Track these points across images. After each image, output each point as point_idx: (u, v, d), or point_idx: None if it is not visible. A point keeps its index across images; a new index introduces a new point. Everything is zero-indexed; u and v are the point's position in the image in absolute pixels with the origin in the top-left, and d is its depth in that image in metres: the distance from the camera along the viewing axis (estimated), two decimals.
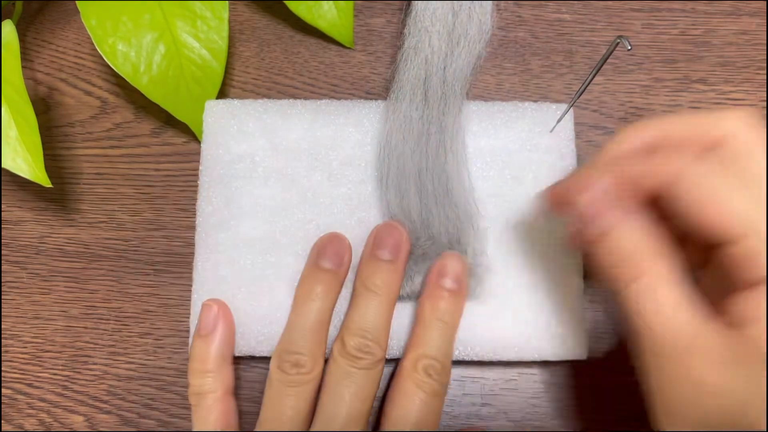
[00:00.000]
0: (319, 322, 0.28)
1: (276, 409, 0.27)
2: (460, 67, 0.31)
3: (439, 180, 0.30)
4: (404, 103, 0.31)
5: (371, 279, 0.28)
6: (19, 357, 0.32)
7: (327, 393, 0.27)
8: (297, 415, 0.26)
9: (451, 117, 0.30)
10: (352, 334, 0.27)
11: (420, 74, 0.31)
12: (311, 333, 0.28)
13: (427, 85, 0.31)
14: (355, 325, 0.27)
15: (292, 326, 0.28)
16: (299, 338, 0.27)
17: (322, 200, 0.31)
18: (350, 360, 0.27)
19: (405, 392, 0.27)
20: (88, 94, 0.35)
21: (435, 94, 0.31)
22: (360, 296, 0.28)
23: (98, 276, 0.33)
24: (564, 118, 0.31)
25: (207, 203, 0.31)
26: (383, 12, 0.36)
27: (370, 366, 0.27)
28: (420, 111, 0.30)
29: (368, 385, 0.27)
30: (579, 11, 0.35)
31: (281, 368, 0.27)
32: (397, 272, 0.28)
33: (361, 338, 0.27)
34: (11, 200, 0.34)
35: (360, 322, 0.27)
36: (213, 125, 0.32)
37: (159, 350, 0.32)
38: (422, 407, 0.26)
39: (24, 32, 0.36)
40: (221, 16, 0.31)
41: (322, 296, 0.28)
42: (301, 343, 0.27)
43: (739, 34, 0.34)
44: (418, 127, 0.30)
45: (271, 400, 0.27)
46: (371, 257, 0.29)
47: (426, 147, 0.30)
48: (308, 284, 0.28)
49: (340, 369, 0.27)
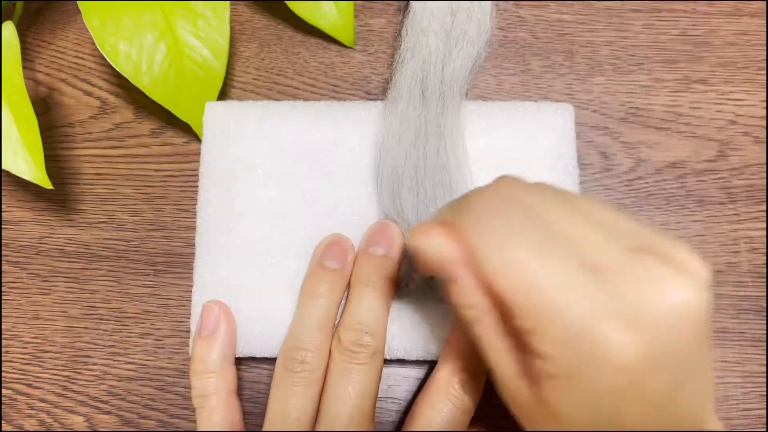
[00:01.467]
0: (325, 318, 0.28)
1: (282, 410, 0.27)
2: (459, 67, 0.31)
3: (440, 179, 0.29)
4: (402, 104, 0.31)
5: (365, 273, 0.28)
6: (19, 357, 0.32)
7: (328, 392, 0.27)
8: (303, 416, 0.26)
9: (449, 117, 0.30)
10: (348, 329, 0.27)
11: (418, 74, 0.31)
12: (317, 329, 0.27)
13: (424, 86, 0.31)
14: (350, 320, 0.27)
15: (297, 324, 0.28)
16: (306, 335, 0.27)
17: (322, 202, 0.31)
18: (347, 356, 0.27)
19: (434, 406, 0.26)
20: (88, 95, 0.35)
21: (433, 94, 0.30)
22: (354, 292, 0.28)
23: (98, 276, 0.33)
24: (565, 118, 0.31)
25: (207, 204, 0.31)
26: (383, 12, 0.36)
27: (367, 360, 0.27)
28: (418, 111, 0.30)
29: (369, 381, 0.27)
30: (579, 11, 0.35)
31: (287, 367, 0.27)
32: (391, 266, 0.28)
33: (357, 331, 0.27)
34: (11, 200, 0.34)
35: (355, 315, 0.27)
36: (213, 127, 0.31)
37: (159, 351, 0.32)
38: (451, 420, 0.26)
39: (24, 33, 0.36)
40: (222, 15, 0.31)
41: (327, 294, 0.28)
42: (308, 340, 0.27)
43: (740, 34, 0.34)
44: (416, 127, 0.30)
45: (277, 401, 0.27)
46: (365, 254, 0.29)
47: (424, 147, 0.30)
48: (313, 282, 0.28)
49: (339, 367, 0.27)
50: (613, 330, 0.18)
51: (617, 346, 0.18)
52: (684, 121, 0.33)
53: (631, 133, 0.33)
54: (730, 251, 0.32)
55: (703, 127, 0.33)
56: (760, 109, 0.33)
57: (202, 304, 0.29)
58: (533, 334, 0.19)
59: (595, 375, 0.19)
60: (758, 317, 0.31)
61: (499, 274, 0.20)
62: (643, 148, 0.33)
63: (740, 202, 0.32)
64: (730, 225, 0.32)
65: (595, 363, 0.18)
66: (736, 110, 0.33)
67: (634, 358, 0.18)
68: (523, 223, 0.20)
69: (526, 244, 0.20)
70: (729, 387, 0.30)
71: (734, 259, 0.32)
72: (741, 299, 0.31)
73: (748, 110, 0.33)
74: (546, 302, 0.19)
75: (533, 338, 0.19)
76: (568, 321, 0.19)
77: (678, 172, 0.33)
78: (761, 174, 0.33)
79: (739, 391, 0.30)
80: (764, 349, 0.31)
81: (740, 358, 0.31)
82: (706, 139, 0.33)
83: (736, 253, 0.32)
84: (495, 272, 0.20)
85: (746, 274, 0.32)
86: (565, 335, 0.19)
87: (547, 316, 0.19)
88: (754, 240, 0.32)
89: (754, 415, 0.30)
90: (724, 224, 0.32)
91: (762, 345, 0.31)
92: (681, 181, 0.33)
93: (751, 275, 0.32)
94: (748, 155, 0.33)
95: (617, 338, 0.18)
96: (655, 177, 0.33)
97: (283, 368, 0.27)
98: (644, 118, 0.33)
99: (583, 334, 0.18)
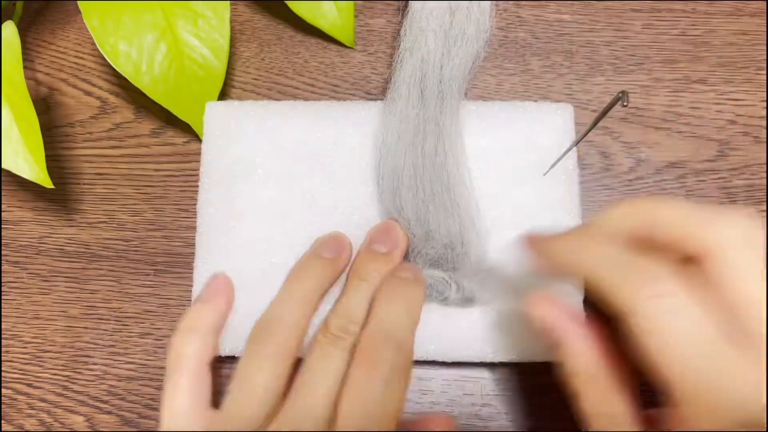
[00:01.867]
0: (306, 298, 0.27)
1: (246, 385, 0.25)
2: (458, 66, 0.31)
3: (438, 178, 0.30)
4: (400, 103, 0.31)
5: (364, 268, 0.28)
6: (19, 357, 0.32)
7: (303, 372, 0.25)
8: (267, 392, 0.25)
9: (448, 116, 0.30)
10: (337, 316, 0.27)
11: (416, 74, 0.31)
12: (295, 305, 0.27)
13: (423, 85, 0.31)
14: (341, 309, 0.27)
15: (276, 301, 0.28)
16: (281, 311, 0.27)
17: (322, 201, 0.31)
18: (331, 340, 0.26)
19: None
20: (89, 95, 0.35)
21: (432, 93, 0.31)
22: (351, 285, 0.28)
23: (98, 276, 0.33)
24: (564, 118, 0.31)
25: (207, 204, 0.31)
26: (383, 12, 0.36)
27: (349, 347, 0.26)
28: (416, 110, 0.30)
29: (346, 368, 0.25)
30: (579, 11, 0.35)
31: (256, 340, 0.26)
32: (392, 264, 0.28)
33: (345, 320, 0.26)
34: (11, 200, 0.34)
35: (347, 305, 0.27)
36: (213, 127, 0.32)
37: (159, 350, 0.32)
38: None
39: (24, 33, 0.36)
40: (222, 15, 0.31)
41: (314, 277, 0.28)
42: (283, 316, 0.27)
43: (740, 34, 0.34)
44: (414, 126, 0.30)
45: (242, 376, 0.26)
46: (367, 251, 0.29)
47: (422, 146, 0.30)
48: (302, 267, 0.28)
49: (320, 349, 0.26)
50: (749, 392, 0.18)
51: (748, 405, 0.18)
52: (684, 121, 0.33)
53: (631, 133, 0.33)
54: None
55: (703, 127, 0.33)
56: (760, 109, 0.33)
57: (211, 274, 0.29)
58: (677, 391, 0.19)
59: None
60: None
61: (645, 331, 0.19)
62: (643, 148, 0.33)
63: (740, 202, 0.32)
64: None
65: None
66: (736, 110, 0.33)
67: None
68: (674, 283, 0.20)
69: (679, 301, 0.19)
70: None
71: None
72: None
73: (747, 110, 0.33)
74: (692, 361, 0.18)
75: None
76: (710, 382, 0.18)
77: (678, 172, 0.33)
78: (761, 174, 0.33)
79: None
80: None
81: None
82: (706, 139, 0.33)
83: None
84: (639, 328, 0.19)
85: None
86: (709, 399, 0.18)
87: (690, 374, 0.18)
88: None
89: None
90: None
91: None
92: (681, 181, 0.33)
93: None
94: (747, 155, 0.33)
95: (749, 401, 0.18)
96: (655, 177, 0.33)
97: (251, 342, 0.26)
98: (644, 118, 0.33)
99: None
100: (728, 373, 0.18)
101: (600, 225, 0.22)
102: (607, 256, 0.21)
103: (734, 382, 0.18)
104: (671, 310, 0.19)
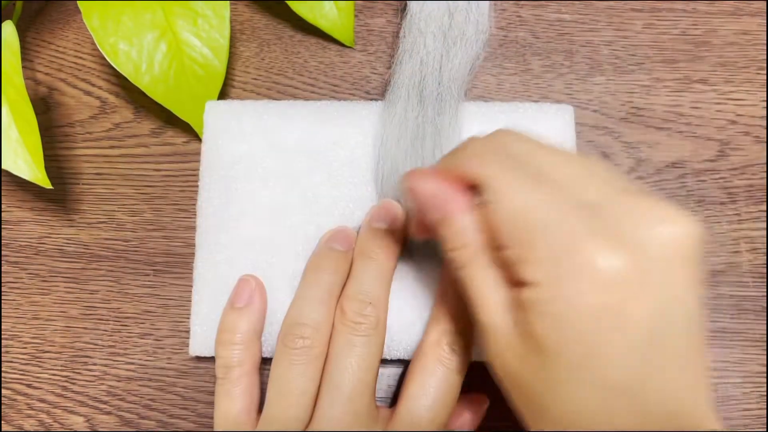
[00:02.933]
0: (328, 294, 0.27)
1: (282, 389, 0.26)
2: (457, 67, 0.31)
3: None
4: (400, 105, 0.31)
5: (368, 246, 0.28)
6: (18, 357, 0.32)
7: (330, 364, 0.26)
8: (302, 397, 0.26)
9: (447, 117, 0.30)
10: (351, 299, 0.27)
11: (415, 75, 0.31)
12: (319, 304, 0.27)
13: (422, 86, 0.31)
14: (353, 290, 0.27)
15: (300, 298, 0.28)
16: (307, 310, 0.27)
17: (322, 201, 0.31)
18: (351, 327, 0.26)
19: (426, 369, 0.26)
20: (88, 94, 0.35)
21: (431, 94, 0.31)
22: (357, 264, 0.28)
23: (98, 276, 0.32)
24: (565, 118, 0.31)
25: (207, 204, 0.31)
26: (383, 12, 0.36)
27: (370, 332, 0.26)
28: (415, 112, 0.30)
29: (371, 354, 0.26)
30: (579, 11, 0.35)
31: (286, 343, 0.26)
32: (394, 239, 0.28)
33: (360, 302, 0.27)
34: (11, 200, 0.34)
35: (358, 286, 0.27)
36: (213, 126, 0.31)
37: (159, 351, 0.32)
38: (444, 381, 0.26)
39: (24, 32, 0.36)
40: (222, 14, 0.31)
41: (332, 271, 0.28)
42: (309, 315, 0.27)
43: (740, 34, 0.34)
44: (414, 127, 0.30)
45: (276, 380, 0.26)
46: (368, 229, 0.29)
47: (421, 147, 0.30)
48: (318, 259, 0.29)
49: (342, 338, 0.26)
50: (601, 247, 0.18)
51: (603, 261, 0.18)
52: (684, 121, 0.33)
53: (631, 133, 0.33)
54: (731, 251, 0.32)
55: (704, 127, 0.33)
56: (760, 109, 0.33)
57: (239, 277, 0.29)
58: (523, 263, 0.20)
59: (578, 292, 0.18)
60: (758, 317, 0.31)
61: (493, 202, 0.20)
62: (644, 148, 0.33)
63: (741, 202, 0.32)
64: (731, 225, 0.32)
65: (580, 278, 0.18)
66: (737, 110, 0.33)
67: (618, 276, 0.18)
68: (518, 163, 0.21)
69: (522, 177, 0.20)
70: (729, 387, 0.30)
71: (734, 259, 0.32)
72: (741, 299, 0.31)
73: (748, 110, 0.33)
74: (536, 223, 0.19)
75: (522, 267, 0.20)
76: (557, 238, 0.19)
77: (678, 171, 0.33)
78: (762, 174, 0.33)
79: (739, 391, 0.30)
80: (764, 349, 0.31)
81: (740, 358, 0.31)
82: (707, 139, 0.33)
83: (736, 253, 0.32)
84: (490, 200, 0.20)
85: (746, 274, 0.32)
86: (553, 254, 0.19)
87: (538, 236, 0.19)
88: (755, 240, 0.32)
89: (754, 415, 0.30)
90: (724, 224, 0.32)
91: (762, 345, 0.31)
92: (681, 181, 0.33)
93: (752, 275, 0.32)
94: (748, 155, 0.33)
95: (604, 255, 0.18)
96: (656, 177, 0.33)
97: (282, 344, 0.27)
98: (644, 118, 0.33)
99: (570, 249, 0.19)
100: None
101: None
102: None
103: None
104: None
